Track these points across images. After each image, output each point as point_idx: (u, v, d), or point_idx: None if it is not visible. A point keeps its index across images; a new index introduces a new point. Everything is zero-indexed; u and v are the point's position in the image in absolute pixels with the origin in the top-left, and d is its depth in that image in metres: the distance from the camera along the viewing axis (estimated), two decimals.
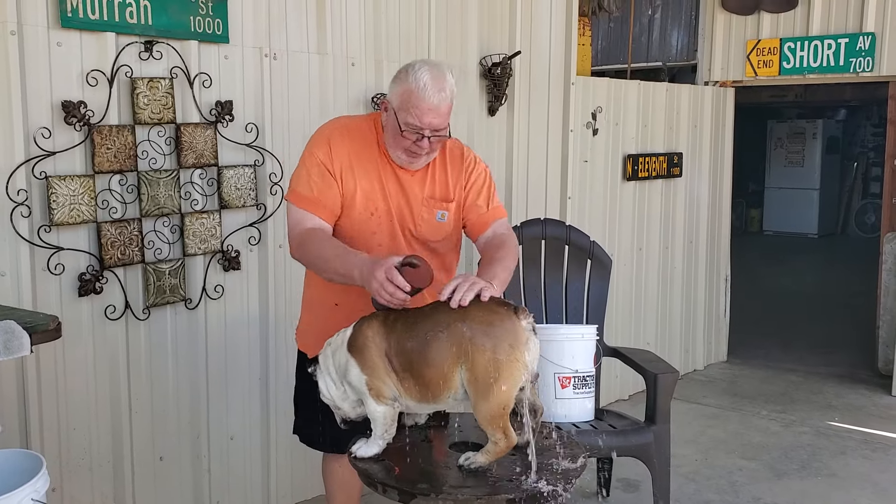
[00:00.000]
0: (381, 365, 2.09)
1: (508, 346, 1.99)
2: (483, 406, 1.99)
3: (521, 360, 1.99)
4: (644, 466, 3.32)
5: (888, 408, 5.16)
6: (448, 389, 2.04)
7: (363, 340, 2.11)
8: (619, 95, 5.06)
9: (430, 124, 2.32)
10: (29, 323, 2.10)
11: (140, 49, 2.97)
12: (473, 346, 1.99)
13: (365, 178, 2.45)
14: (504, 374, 1.98)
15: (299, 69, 3.47)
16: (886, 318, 5.63)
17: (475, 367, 1.98)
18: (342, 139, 2.47)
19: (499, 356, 1.98)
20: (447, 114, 2.36)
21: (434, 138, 2.36)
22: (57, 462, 2.88)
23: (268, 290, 3.46)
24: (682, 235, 5.64)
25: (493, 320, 2.02)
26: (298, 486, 3.67)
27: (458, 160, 2.55)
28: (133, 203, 2.99)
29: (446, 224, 2.52)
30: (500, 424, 2.00)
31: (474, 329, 2.01)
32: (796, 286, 9.23)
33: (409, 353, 2.06)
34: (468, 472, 2.03)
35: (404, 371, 2.07)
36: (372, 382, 2.10)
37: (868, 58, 5.33)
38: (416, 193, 2.47)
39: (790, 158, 13.45)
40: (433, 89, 2.30)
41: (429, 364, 2.03)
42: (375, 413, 2.12)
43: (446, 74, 2.36)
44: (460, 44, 4.13)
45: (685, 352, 5.79)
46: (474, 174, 2.56)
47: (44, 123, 2.76)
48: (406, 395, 2.10)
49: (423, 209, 2.48)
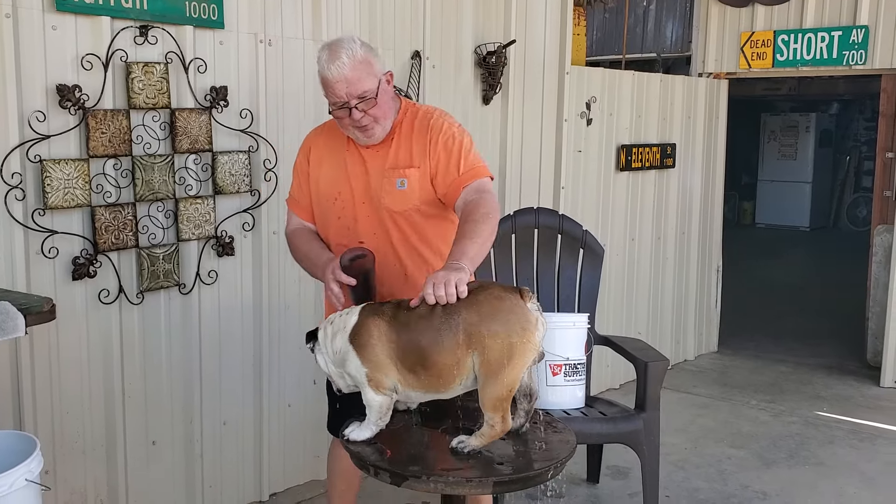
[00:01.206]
0: (385, 362, 2.09)
1: (521, 328, 2.02)
2: (492, 388, 2.01)
3: (532, 340, 2.03)
4: (633, 454, 3.35)
5: (876, 398, 5.20)
6: (460, 377, 2.05)
7: (367, 338, 2.11)
8: (613, 86, 5.07)
9: (346, 94, 2.34)
10: (23, 304, 2.12)
11: (135, 34, 2.97)
12: (488, 332, 2.00)
13: (330, 166, 2.54)
14: (517, 356, 2.01)
15: (294, 55, 3.47)
16: (876, 310, 5.68)
17: (489, 352, 2.00)
18: (317, 137, 2.62)
19: (513, 340, 2.01)
20: (360, 78, 2.33)
21: (361, 104, 2.35)
22: (50, 445, 2.89)
23: (261, 276, 3.47)
24: (675, 226, 5.67)
25: (502, 306, 2.03)
26: (291, 471, 3.69)
27: (424, 126, 2.47)
28: (127, 188, 2.99)
29: (408, 191, 2.44)
30: (502, 407, 2.01)
31: (483, 315, 2.02)
32: (787, 278, 9.27)
33: (420, 351, 2.06)
34: (461, 455, 2.05)
35: (413, 366, 2.07)
36: (372, 375, 2.11)
37: (861, 51, 5.36)
38: (378, 167, 2.47)
39: (783, 151, 13.49)
40: (329, 63, 2.33)
41: (441, 357, 2.04)
42: (373, 402, 2.13)
43: (341, 44, 2.35)
44: (455, 32, 4.13)
45: (676, 342, 5.83)
46: (441, 137, 2.45)
47: (38, 107, 2.76)
48: (409, 388, 2.11)
49: (384, 181, 2.45)
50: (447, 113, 2.56)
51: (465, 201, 2.37)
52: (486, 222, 2.27)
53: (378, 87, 2.36)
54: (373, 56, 2.39)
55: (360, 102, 2.35)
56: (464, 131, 2.49)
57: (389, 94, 2.44)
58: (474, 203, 2.34)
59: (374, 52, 2.41)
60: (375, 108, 2.38)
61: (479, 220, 2.26)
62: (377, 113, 2.39)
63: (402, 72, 3.85)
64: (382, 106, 2.40)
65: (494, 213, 2.32)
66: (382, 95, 2.39)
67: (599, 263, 3.79)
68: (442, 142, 2.44)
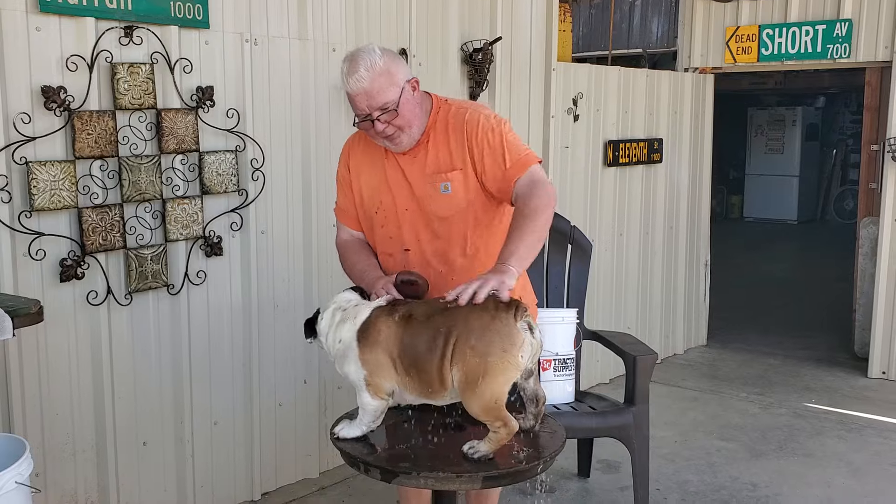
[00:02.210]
0: (385, 363, 2.08)
1: (501, 350, 1.99)
2: (472, 402, 2.00)
3: (513, 362, 1.99)
4: (624, 448, 3.37)
5: (864, 389, 5.24)
6: (445, 389, 2.05)
7: (376, 336, 2.10)
8: (599, 82, 5.09)
9: (367, 107, 2.31)
10: (11, 307, 2.11)
11: (120, 34, 2.96)
12: (470, 349, 1.99)
13: (369, 175, 2.49)
14: (493, 373, 1.98)
15: (280, 55, 3.47)
16: (863, 302, 5.72)
17: (466, 367, 1.99)
18: (356, 145, 2.54)
19: (490, 359, 1.98)
20: (380, 90, 2.29)
21: (384, 116, 2.31)
22: (40, 447, 2.88)
23: (250, 276, 3.47)
24: (663, 221, 5.69)
25: (490, 324, 2.00)
26: (282, 469, 3.69)
27: (459, 124, 2.40)
28: (114, 189, 2.99)
29: (453, 195, 2.39)
30: (496, 415, 2.00)
31: (471, 332, 2.00)
32: (776, 272, 9.33)
33: (413, 354, 2.06)
34: (473, 461, 2.02)
35: (408, 369, 2.07)
36: (371, 379, 2.10)
37: (845, 44, 5.39)
38: (417, 173, 2.42)
39: (770, 146, 13.57)
40: (348, 76, 2.30)
41: (427, 365, 2.04)
42: (368, 406, 2.13)
43: (360, 56, 2.31)
44: (441, 29, 4.14)
45: (665, 336, 5.85)
46: (481, 132, 2.37)
47: (23, 109, 2.75)
48: (406, 391, 2.10)
49: (427, 186, 2.40)
50: (481, 104, 2.49)
51: (517, 196, 2.31)
52: (536, 217, 2.22)
53: (400, 96, 2.31)
54: (394, 64, 2.33)
55: (383, 114, 2.31)
56: (501, 120, 2.41)
57: (415, 101, 2.37)
58: (525, 198, 2.28)
59: (397, 59, 2.36)
60: (398, 118, 2.33)
61: (528, 216, 2.22)
62: (401, 122, 2.34)
63: None
64: (406, 115, 2.34)
65: (545, 205, 2.26)
66: (406, 104, 2.33)
67: (588, 259, 3.80)
68: (482, 137, 2.37)
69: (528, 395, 2.15)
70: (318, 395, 3.79)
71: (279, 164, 3.52)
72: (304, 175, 3.62)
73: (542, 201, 2.26)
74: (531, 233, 2.20)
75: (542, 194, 2.28)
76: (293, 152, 3.57)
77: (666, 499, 3.69)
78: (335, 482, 3.77)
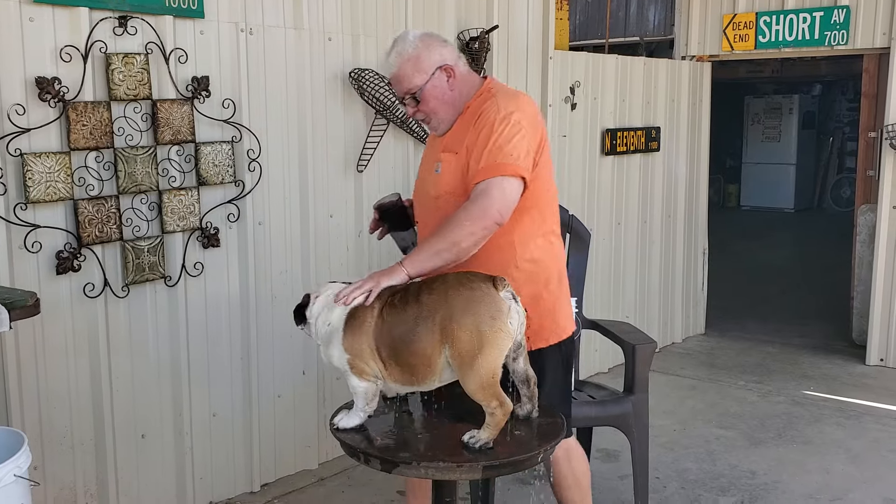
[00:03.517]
0: (367, 350, 2.09)
1: (490, 318, 2.00)
2: (471, 378, 2.00)
3: (504, 329, 2.00)
4: (623, 436, 3.37)
5: (862, 376, 5.25)
6: (433, 374, 2.05)
7: (360, 322, 2.10)
8: (597, 70, 5.07)
9: (398, 91, 2.47)
10: (7, 299, 2.10)
11: (114, 24, 2.94)
12: (456, 324, 1.99)
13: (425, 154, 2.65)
14: (487, 344, 1.98)
15: (276, 44, 3.45)
16: (861, 290, 5.72)
17: (458, 343, 1.99)
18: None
19: (482, 328, 1.99)
20: (406, 76, 2.40)
21: (409, 98, 2.43)
22: (38, 440, 2.88)
23: (248, 267, 3.46)
24: (661, 210, 5.68)
25: (473, 295, 2.02)
26: (281, 461, 3.69)
27: (478, 111, 2.39)
28: (110, 180, 2.97)
29: (441, 176, 2.40)
30: (493, 392, 2.00)
31: (454, 308, 2.01)
32: (773, 260, 9.32)
33: (395, 342, 2.06)
34: (473, 450, 2.00)
35: (390, 359, 2.07)
36: (354, 362, 2.10)
37: (843, 31, 5.37)
38: (434, 151, 2.52)
39: (767, 134, 13.55)
40: (383, 61, 2.49)
41: (413, 352, 2.03)
42: (357, 389, 2.13)
43: (396, 42, 2.45)
44: (437, 18, 4.11)
45: (663, 325, 5.85)
46: (481, 124, 2.34)
47: (17, 100, 2.73)
48: (390, 380, 2.10)
49: (431, 164, 2.50)
50: (516, 97, 2.41)
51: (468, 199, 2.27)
52: (455, 228, 2.19)
53: (426, 83, 2.38)
54: (427, 51, 2.39)
55: (410, 98, 2.42)
56: (508, 122, 2.31)
57: (445, 88, 2.39)
58: (464, 206, 2.25)
59: (432, 46, 2.41)
60: (423, 104, 2.41)
61: (445, 227, 2.22)
62: (426, 109, 2.42)
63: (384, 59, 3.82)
64: (430, 102, 2.40)
65: (475, 218, 2.20)
66: (432, 91, 2.39)
67: (586, 248, 3.79)
68: (480, 128, 2.34)
69: (519, 377, 2.14)
70: (317, 387, 3.78)
71: (276, 154, 3.50)
72: (301, 166, 3.60)
73: (472, 213, 2.21)
74: (443, 240, 2.19)
75: (474, 211, 2.21)
76: (290, 143, 3.55)
77: (665, 487, 3.69)
78: (335, 473, 3.76)
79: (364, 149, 3.78)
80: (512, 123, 2.31)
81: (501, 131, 2.30)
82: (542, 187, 2.44)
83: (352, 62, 3.70)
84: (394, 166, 3.96)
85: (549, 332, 2.50)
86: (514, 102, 2.38)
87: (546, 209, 2.49)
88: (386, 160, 3.91)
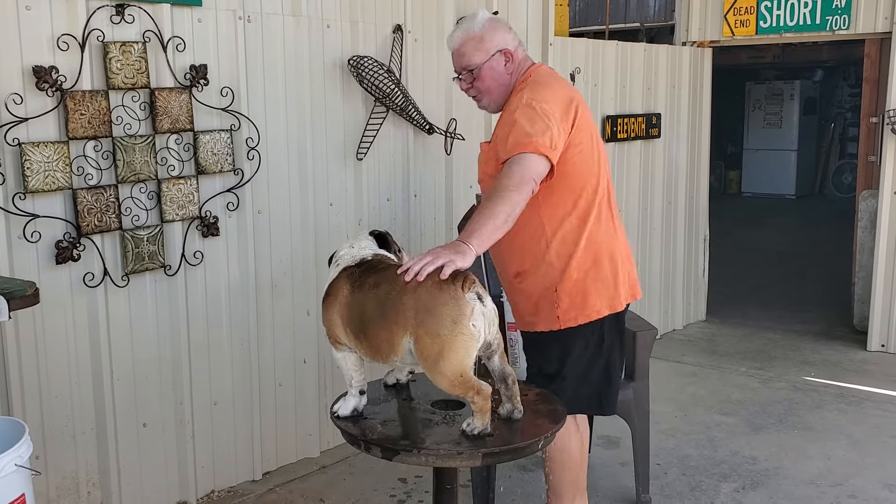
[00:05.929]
0: (338, 322, 2.14)
1: (451, 321, 1.97)
2: (438, 379, 2.01)
3: (465, 332, 1.97)
4: (624, 423, 3.37)
5: (863, 362, 5.25)
6: (396, 356, 2.05)
7: (333, 298, 2.15)
8: (597, 56, 5.04)
9: (456, 65, 2.60)
10: (6, 289, 2.10)
11: (111, 13, 2.92)
12: (420, 323, 1.99)
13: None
14: (448, 348, 1.97)
15: (274, 32, 3.43)
16: (862, 276, 5.71)
17: (420, 344, 1.99)
18: None
19: (442, 332, 1.97)
20: (466, 53, 2.55)
21: (466, 73, 2.56)
22: (39, 429, 2.88)
23: (248, 256, 3.45)
24: (662, 196, 5.67)
25: (437, 296, 1.99)
26: (283, 450, 3.70)
27: (509, 103, 2.54)
28: (109, 169, 2.96)
29: (479, 161, 2.63)
30: (465, 387, 1.99)
31: (419, 306, 2.00)
32: (774, 246, 9.31)
33: (360, 318, 2.08)
34: (474, 437, 2.01)
35: (357, 332, 2.10)
36: (330, 332, 2.17)
37: (844, 15, 5.34)
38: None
39: (768, 120, 13.50)
40: (450, 36, 2.62)
41: (376, 335, 2.05)
42: (337, 360, 2.19)
43: (465, 20, 2.59)
44: (437, 4, 4.09)
45: (664, 311, 5.85)
46: (508, 111, 2.50)
47: (15, 89, 2.72)
48: (360, 352, 2.14)
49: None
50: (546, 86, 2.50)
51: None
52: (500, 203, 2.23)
53: (485, 62, 2.51)
54: (491, 32, 2.54)
55: (467, 75, 2.56)
56: (530, 105, 2.41)
57: (502, 71, 2.55)
58: (499, 180, 2.32)
59: (497, 29, 2.55)
60: (479, 81, 2.55)
61: (490, 198, 2.27)
62: (480, 86, 2.57)
63: (383, 46, 3.81)
64: (486, 81, 2.55)
65: (509, 188, 2.26)
66: (489, 71, 2.53)
67: None
68: (507, 113, 2.50)
69: (497, 375, 2.12)
70: (318, 375, 3.78)
71: (275, 142, 3.49)
72: (301, 154, 3.59)
73: (503, 184, 2.27)
74: (487, 217, 2.21)
75: (506, 179, 2.28)
76: (289, 131, 3.54)
77: (666, 473, 3.70)
78: (336, 461, 3.77)
79: (363, 136, 3.76)
80: (529, 107, 2.42)
81: (519, 114, 2.42)
82: (575, 170, 2.50)
83: (350, 49, 3.68)
84: (393, 154, 3.94)
85: (578, 313, 2.54)
86: (541, 92, 2.47)
87: (582, 192, 2.54)
88: (385, 148, 3.90)
